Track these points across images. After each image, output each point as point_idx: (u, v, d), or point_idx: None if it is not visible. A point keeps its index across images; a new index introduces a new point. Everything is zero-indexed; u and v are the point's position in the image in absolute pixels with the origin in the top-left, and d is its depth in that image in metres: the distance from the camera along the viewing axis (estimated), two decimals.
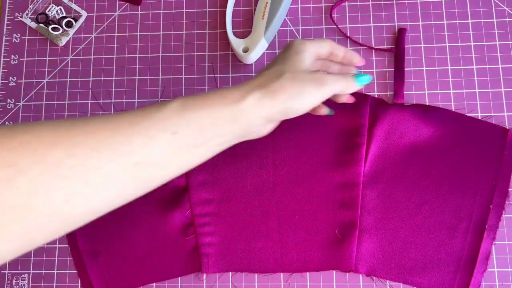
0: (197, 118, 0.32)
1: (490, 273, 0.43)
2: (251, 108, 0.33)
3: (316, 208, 0.45)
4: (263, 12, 0.48)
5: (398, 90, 0.47)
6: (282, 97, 0.34)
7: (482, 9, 0.49)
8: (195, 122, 0.32)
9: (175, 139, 0.31)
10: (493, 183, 0.44)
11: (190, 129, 0.32)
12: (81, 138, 0.29)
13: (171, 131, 0.31)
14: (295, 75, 0.35)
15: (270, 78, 0.34)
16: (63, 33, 0.52)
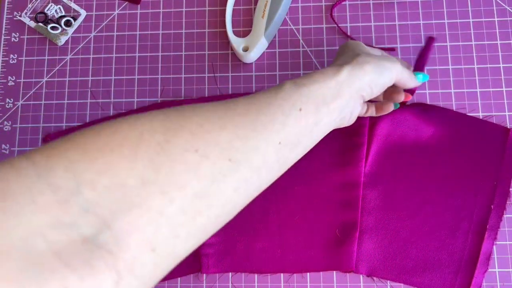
0: (311, 93, 0.32)
1: (491, 274, 0.43)
2: (347, 79, 0.34)
3: (316, 208, 0.45)
4: (263, 11, 0.48)
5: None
6: (368, 68, 0.35)
7: (483, 8, 0.49)
8: (311, 97, 0.32)
9: (301, 115, 0.31)
10: (494, 183, 0.44)
11: (309, 104, 0.32)
12: (239, 119, 0.28)
13: (297, 107, 0.31)
14: (369, 54, 0.36)
15: (349, 56, 0.36)
16: (62, 32, 0.52)
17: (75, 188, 0.21)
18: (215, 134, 0.26)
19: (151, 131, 0.24)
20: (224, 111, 0.28)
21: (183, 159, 0.24)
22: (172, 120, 0.26)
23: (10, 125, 0.50)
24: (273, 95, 0.31)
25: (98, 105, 0.50)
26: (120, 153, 0.22)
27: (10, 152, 0.49)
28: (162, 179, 0.23)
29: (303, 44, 0.50)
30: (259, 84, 0.49)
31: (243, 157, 0.27)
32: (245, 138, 0.27)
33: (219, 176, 0.25)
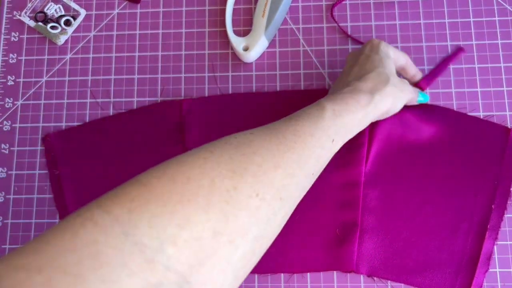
0: (343, 124, 0.33)
1: (492, 274, 0.43)
2: (372, 110, 0.36)
3: (316, 208, 0.45)
4: (263, 10, 0.48)
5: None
6: (389, 101, 0.37)
7: (483, 8, 0.49)
8: (343, 128, 0.33)
9: (332, 146, 0.33)
10: (494, 183, 0.44)
11: (340, 135, 0.33)
12: (289, 155, 0.28)
13: (331, 139, 0.32)
14: (395, 82, 0.38)
15: (380, 81, 0.37)
16: (61, 32, 0.51)
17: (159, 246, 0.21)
18: (271, 176, 0.26)
19: (221, 177, 0.24)
20: (277, 146, 0.28)
21: (246, 206, 0.25)
22: (236, 162, 0.26)
23: (9, 125, 0.50)
24: (314, 124, 0.31)
25: (97, 105, 0.50)
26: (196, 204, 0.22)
27: (9, 152, 0.49)
28: (230, 228, 0.23)
29: (303, 44, 0.50)
30: (259, 83, 0.49)
31: (289, 194, 0.28)
32: (292, 175, 0.28)
33: (272, 216, 0.26)
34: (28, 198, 0.48)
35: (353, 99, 0.35)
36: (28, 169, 0.49)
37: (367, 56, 0.40)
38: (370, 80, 0.37)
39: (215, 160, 0.25)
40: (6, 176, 0.49)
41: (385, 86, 0.37)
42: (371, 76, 0.38)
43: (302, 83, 0.49)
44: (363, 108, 0.35)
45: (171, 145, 0.48)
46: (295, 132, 0.30)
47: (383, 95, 0.37)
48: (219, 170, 0.25)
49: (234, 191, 0.24)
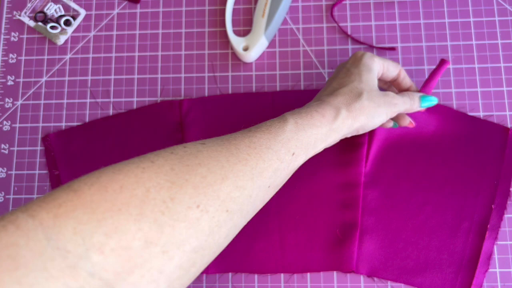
0: (306, 137, 0.33)
1: (492, 274, 0.43)
2: (339, 127, 0.35)
3: (316, 208, 0.45)
4: (263, 10, 0.48)
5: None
6: (361, 118, 0.36)
7: (483, 8, 0.49)
8: (305, 141, 0.33)
9: (292, 159, 0.32)
10: (494, 182, 0.44)
11: (302, 148, 0.33)
12: (240, 167, 0.28)
13: (291, 152, 0.32)
14: (371, 96, 0.37)
15: (351, 97, 0.36)
16: (61, 32, 0.51)
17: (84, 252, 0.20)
18: (216, 187, 0.26)
19: (158, 187, 0.24)
20: (227, 158, 0.28)
21: (185, 217, 0.24)
22: (177, 172, 0.26)
23: (9, 125, 0.50)
24: (273, 137, 0.31)
25: (97, 105, 0.50)
26: (127, 213, 0.22)
27: (9, 152, 0.49)
28: (164, 239, 0.23)
29: (303, 44, 0.50)
30: (259, 83, 0.49)
31: (238, 207, 0.28)
32: (243, 188, 0.28)
33: (215, 228, 0.26)
34: (28, 199, 0.48)
35: (318, 113, 0.34)
36: (28, 169, 0.49)
37: (347, 70, 0.39)
38: (340, 95, 0.36)
39: (154, 170, 0.25)
40: (5, 176, 0.49)
41: (355, 101, 0.36)
42: (343, 91, 0.37)
43: (302, 83, 0.48)
44: (329, 122, 0.35)
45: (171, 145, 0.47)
46: (250, 144, 0.30)
47: (352, 111, 0.36)
48: (156, 181, 0.24)
49: (171, 202, 0.24)
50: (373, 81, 0.39)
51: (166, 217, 0.23)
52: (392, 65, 0.41)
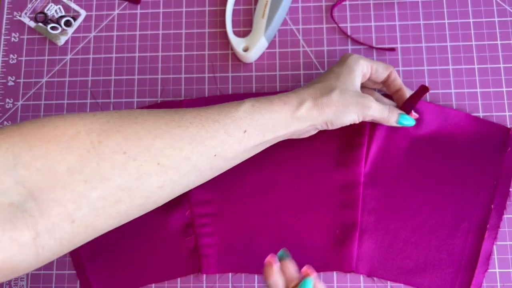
0: (262, 120, 0.36)
1: (491, 274, 0.43)
2: (302, 116, 0.38)
3: (316, 208, 0.45)
4: (263, 11, 0.48)
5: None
6: (327, 111, 0.38)
7: (483, 8, 0.49)
8: (260, 123, 0.36)
9: (245, 136, 0.36)
10: (494, 182, 0.44)
11: (256, 129, 0.36)
12: (178, 131, 0.33)
13: (243, 129, 0.36)
14: (344, 94, 0.38)
15: (322, 92, 0.38)
16: (62, 32, 0.52)
17: (12, 166, 0.27)
18: (147, 142, 0.31)
19: (89, 131, 0.30)
20: (166, 122, 0.33)
21: (110, 158, 0.29)
22: (111, 124, 0.31)
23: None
24: (224, 113, 0.35)
25: (98, 105, 0.50)
26: (55, 145, 0.28)
27: None
28: (87, 171, 0.29)
29: (303, 44, 0.50)
30: (259, 84, 0.49)
31: (172, 163, 0.32)
32: (179, 149, 0.32)
33: (144, 176, 0.31)
34: None
35: (279, 100, 0.37)
36: None
37: (330, 70, 0.41)
38: (312, 88, 0.39)
39: (90, 120, 0.31)
40: None
41: (324, 95, 0.38)
42: (316, 86, 0.39)
43: (302, 83, 0.49)
44: (290, 110, 0.37)
45: None
46: (196, 116, 0.34)
47: (319, 104, 0.38)
48: (89, 126, 0.30)
49: (98, 144, 0.29)
50: (352, 81, 0.40)
51: (91, 155, 0.29)
52: (381, 67, 0.42)
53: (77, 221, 0.29)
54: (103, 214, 0.30)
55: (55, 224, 0.28)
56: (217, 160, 0.35)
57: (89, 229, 0.30)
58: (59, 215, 0.28)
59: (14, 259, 0.26)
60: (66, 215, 0.28)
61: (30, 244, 0.27)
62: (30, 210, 0.27)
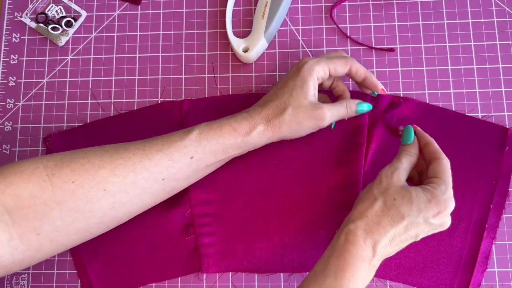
0: (210, 146, 0.40)
1: (490, 273, 0.43)
2: (254, 139, 0.40)
3: (316, 208, 0.45)
4: (263, 11, 0.48)
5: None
6: (281, 131, 0.40)
7: (482, 9, 0.49)
8: (209, 149, 0.40)
9: (192, 161, 0.39)
10: (493, 182, 0.44)
11: (205, 154, 0.40)
12: (121, 161, 0.38)
13: (189, 156, 0.39)
14: (296, 112, 0.40)
15: (275, 112, 0.40)
16: (62, 33, 0.52)
17: None
18: (92, 172, 0.37)
19: (45, 166, 0.37)
20: (110, 155, 0.38)
21: (62, 187, 0.36)
22: (63, 160, 0.38)
23: (11, 125, 0.50)
24: (168, 143, 0.39)
25: (98, 106, 0.50)
26: (20, 177, 0.36)
27: (11, 152, 0.50)
28: (45, 197, 0.36)
29: (303, 45, 0.50)
30: (259, 84, 0.49)
31: (119, 188, 0.37)
32: (122, 176, 0.38)
33: (93, 199, 0.37)
34: None
35: (230, 127, 0.40)
36: None
37: (285, 81, 0.42)
38: (266, 109, 0.41)
39: (48, 158, 0.38)
40: None
41: (276, 117, 0.40)
42: (270, 105, 0.41)
43: None
44: (241, 135, 0.40)
45: None
46: (140, 147, 0.39)
47: (271, 126, 0.40)
48: (45, 163, 0.37)
49: (52, 176, 0.36)
50: (305, 94, 0.40)
51: (47, 184, 0.36)
52: (340, 65, 0.42)
53: (41, 234, 0.36)
54: (63, 231, 0.37)
55: (23, 233, 0.35)
56: (167, 182, 0.40)
57: (54, 242, 0.37)
58: (25, 227, 0.35)
59: None
60: (32, 228, 0.36)
61: (6, 244, 0.35)
62: (5, 220, 0.35)
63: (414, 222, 0.35)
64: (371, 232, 0.35)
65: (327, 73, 0.42)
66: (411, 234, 0.36)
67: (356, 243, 0.35)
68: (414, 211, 0.35)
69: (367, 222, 0.35)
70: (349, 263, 0.34)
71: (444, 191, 0.36)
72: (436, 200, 0.35)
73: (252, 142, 0.41)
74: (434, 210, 0.35)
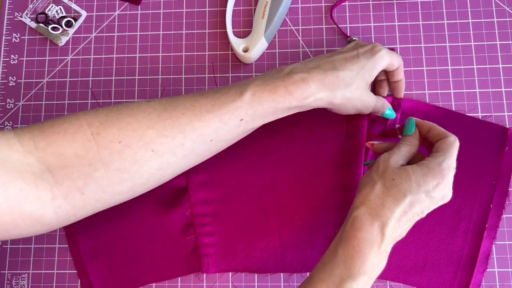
0: (262, 109, 0.37)
1: (490, 273, 0.43)
2: (309, 104, 0.38)
3: (316, 208, 0.45)
4: (263, 11, 0.48)
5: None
6: (335, 102, 0.39)
7: (482, 9, 0.49)
8: (260, 112, 0.38)
9: (241, 123, 0.38)
10: (493, 182, 0.44)
11: (255, 116, 0.38)
12: (169, 122, 0.36)
13: (239, 118, 0.37)
14: (357, 91, 0.39)
15: (339, 84, 0.38)
16: (62, 33, 0.52)
17: (34, 148, 0.35)
18: (140, 132, 0.36)
19: (89, 125, 0.36)
20: (158, 114, 0.37)
21: (107, 146, 0.35)
22: (109, 118, 0.36)
23: (11, 126, 0.50)
24: (219, 104, 0.37)
25: (98, 105, 0.50)
26: (63, 136, 0.35)
27: None
28: (90, 156, 0.35)
29: (303, 45, 0.50)
30: None
31: (167, 149, 0.36)
32: (171, 137, 0.36)
33: (140, 161, 0.36)
34: None
35: (285, 90, 0.37)
36: None
37: (357, 55, 0.40)
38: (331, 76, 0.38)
39: (92, 115, 0.36)
40: None
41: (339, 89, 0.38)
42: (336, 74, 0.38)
43: None
44: (296, 100, 0.37)
45: None
46: (189, 106, 0.37)
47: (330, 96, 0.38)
48: (90, 121, 0.36)
49: (97, 135, 0.35)
50: (369, 79, 0.40)
51: (92, 144, 0.35)
52: (396, 59, 0.42)
53: (86, 193, 0.35)
54: (109, 191, 0.36)
55: (67, 193, 0.35)
56: (214, 143, 0.38)
57: (99, 202, 0.36)
58: (69, 186, 0.35)
59: (39, 212, 0.34)
60: (76, 187, 0.35)
61: (49, 203, 0.34)
62: (47, 179, 0.34)
63: (417, 198, 0.35)
64: (377, 215, 0.35)
65: (387, 65, 0.42)
66: (416, 211, 0.35)
67: (362, 229, 0.34)
68: (414, 187, 0.35)
69: (370, 205, 0.35)
70: (358, 249, 0.34)
71: (440, 163, 0.36)
72: (432, 172, 0.35)
73: (306, 107, 0.39)
74: (432, 183, 0.35)
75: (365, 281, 0.34)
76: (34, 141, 0.35)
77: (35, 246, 0.47)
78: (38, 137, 0.35)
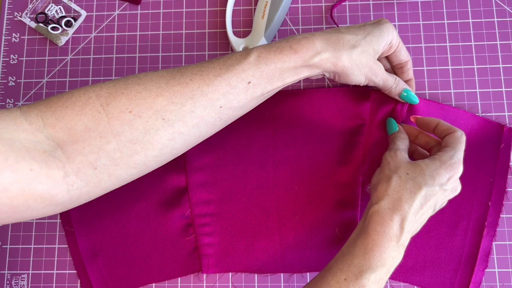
0: (269, 70, 0.37)
1: (491, 273, 0.43)
2: (314, 64, 0.38)
3: (316, 208, 0.45)
4: (263, 11, 0.48)
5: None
6: (341, 66, 0.38)
7: (482, 9, 0.49)
8: (266, 74, 0.37)
9: (249, 86, 0.37)
10: (490, 180, 0.44)
11: (262, 79, 0.37)
12: (178, 88, 0.36)
13: (246, 81, 0.37)
14: (363, 55, 0.39)
15: (344, 45, 0.38)
16: (62, 33, 0.52)
17: (42, 126, 0.34)
18: (149, 100, 0.35)
19: (98, 96, 0.35)
20: (167, 81, 0.36)
21: (118, 117, 0.34)
22: (117, 88, 0.35)
23: None
24: (226, 67, 0.37)
25: None
26: (72, 110, 0.34)
27: None
28: (100, 129, 0.34)
29: None
30: None
31: (177, 117, 0.35)
32: (180, 104, 0.35)
33: (152, 130, 0.35)
34: None
35: (290, 49, 0.37)
36: None
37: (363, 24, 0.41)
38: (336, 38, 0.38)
39: (99, 86, 0.36)
40: None
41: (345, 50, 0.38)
42: (341, 37, 0.38)
43: (301, 83, 0.49)
44: (302, 59, 0.37)
45: None
46: (197, 72, 0.37)
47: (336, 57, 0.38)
48: (98, 91, 0.35)
49: (107, 106, 0.34)
50: (377, 46, 0.40)
51: (102, 115, 0.34)
52: (405, 52, 0.42)
53: (99, 168, 0.34)
54: (122, 164, 0.35)
55: (79, 169, 0.34)
56: (224, 111, 0.37)
57: (112, 177, 0.35)
58: (81, 162, 0.34)
59: (51, 191, 0.33)
60: (88, 162, 0.34)
61: (61, 181, 0.33)
62: (58, 157, 0.33)
63: (431, 190, 0.36)
64: (396, 209, 0.36)
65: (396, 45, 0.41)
66: (430, 204, 0.37)
67: (383, 223, 0.36)
68: (428, 180, 0.36)
69: (389, 200, 0.36)
70: (377, 242, 0.35)
71: (451, 156, 0.37)
72: (445, 165, 0.37)
73: (312, 68, 0.38)
74: (445, 176, 0.37)
75: (383, 273, 0.35)
76: (42, 118, 0.34)
77: (34, 247, 0.47)
78: (46, 113, 0.34)
